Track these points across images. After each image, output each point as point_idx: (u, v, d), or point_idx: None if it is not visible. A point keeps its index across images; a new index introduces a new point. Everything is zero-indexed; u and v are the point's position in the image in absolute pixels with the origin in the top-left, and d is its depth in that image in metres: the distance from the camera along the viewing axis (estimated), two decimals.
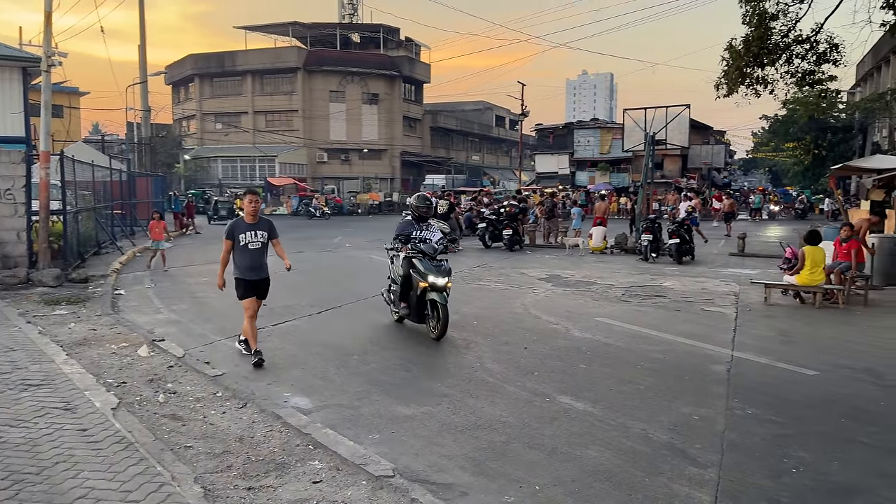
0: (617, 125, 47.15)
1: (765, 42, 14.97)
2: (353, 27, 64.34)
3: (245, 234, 6.68)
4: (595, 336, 8.12)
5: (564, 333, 8.30)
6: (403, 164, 61.94)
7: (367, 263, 15.88)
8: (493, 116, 78.31)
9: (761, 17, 14.91)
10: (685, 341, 7.86)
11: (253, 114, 58.68)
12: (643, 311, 9.86)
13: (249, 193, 6.82)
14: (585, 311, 9.74)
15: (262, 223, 6.84)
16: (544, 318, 9.19)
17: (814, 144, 48.31)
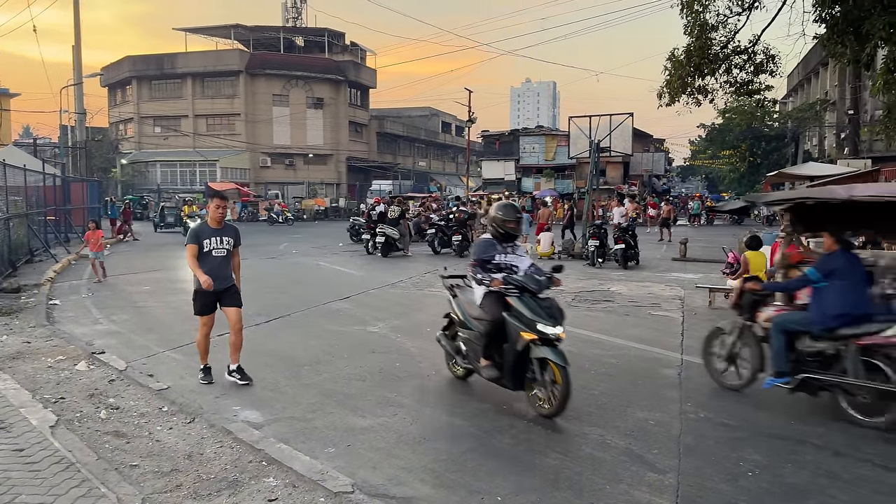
0: (561, 132, 47.85)
1: (705, 52, 15.39)
2: (298, 31, 63.61)
3: (210, 239, 6.28)
4: None
5: None
6: (350, 170, 61.50)
7: (314, 271, 15.63)
8: (440, 123, 78.56)
9: (702, 28, 15.32)
10: (636, 346, 7.96)
11: (193, 117, 57.38)
12: (593, 315, 9.96)
13: (217, 197, 6.43)
14: None
15: (228, 229, 6.47)
16: None
17: (749, 152, 49.98)
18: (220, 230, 6.37)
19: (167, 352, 7.59)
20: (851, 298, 5.60)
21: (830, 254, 5.96)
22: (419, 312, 10.06)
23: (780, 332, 5.84)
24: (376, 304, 11.04)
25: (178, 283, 13.42)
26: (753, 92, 17.65)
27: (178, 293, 11.99)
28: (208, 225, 6.39)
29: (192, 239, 6.27)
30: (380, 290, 12.55)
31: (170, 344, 7.93)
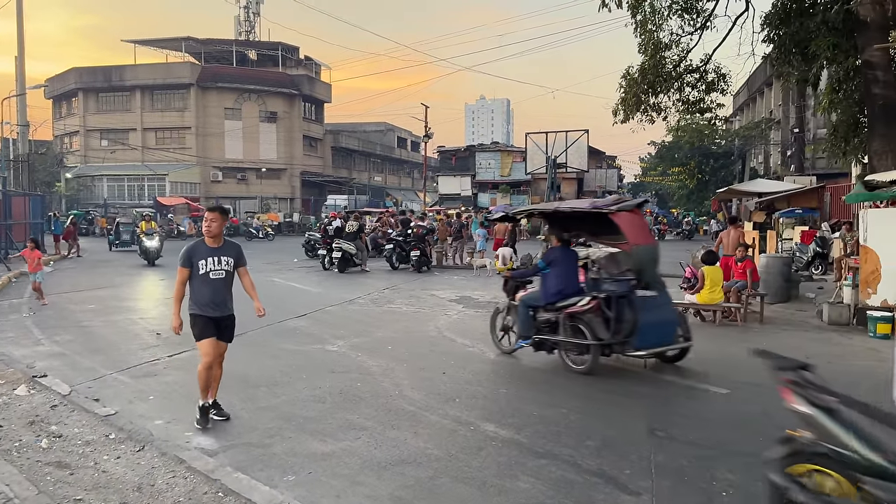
0: (517, 149, 48.24)
1: (659, 70, 15.64)
2: (251, 44, 62.94)
3: (206, 260, 5.46)
4: (513, 358, 8.00)
5: (481, 356, 8.14)
6: (304, 185, 60.81)
7: (269, 287, 15.23)
8: (395, 138, 78.48)
9: (656, 47, 15.56)
10: (603, 362, 7.87)
11: (142, 130, 56.09)
12: None
13: (211, 210, 5.56)
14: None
15: (228, 247, 5.63)
16: (459, 341, 9.01)
17: (697, 169, 51.14)
18: (218, 249, 5.54)
19: (114, 374, 7.20)
20: (564, 281, 7.71)
21: (552, 248, 8.22)
22: (379, 330, 9.84)
23: (525, 307, 7.95)
24: (334, 321, 10.78)
25: (125, 300, 12.93)
26: (705, 110, 18.01)
27: (125, 311, 11.52)
28: (204, 243, 5.53)
29: (183, 260, 5.44)
30: (337, 307, 12.28)
31: (117, 365, 7.55)
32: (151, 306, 12.35)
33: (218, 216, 5.52)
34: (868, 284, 10.09)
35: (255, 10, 66.33)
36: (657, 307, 7.65)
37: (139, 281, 16.68)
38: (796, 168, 30.90)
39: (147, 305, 12.43)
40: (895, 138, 13.26)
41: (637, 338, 7.24)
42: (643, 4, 15.90)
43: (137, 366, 7.58)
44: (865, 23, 13.34)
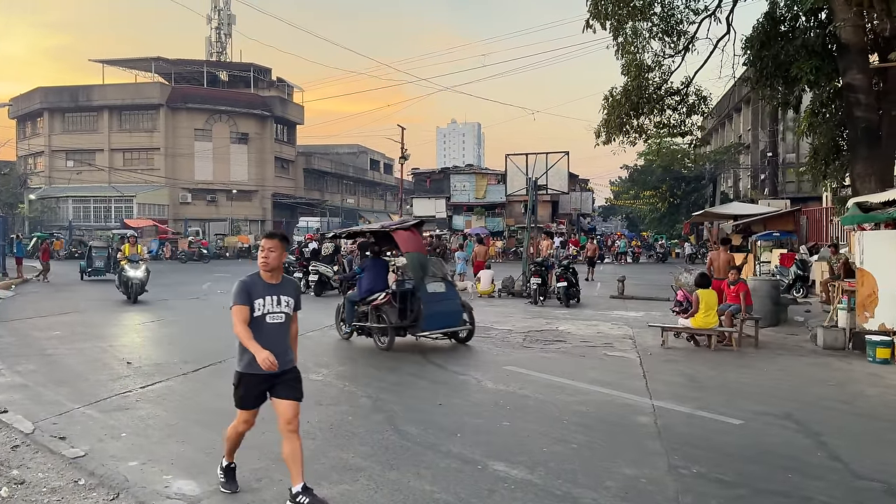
0: (491, 171, 48.23)
1: (643, 92, 15.54)
2: (222, 65, 62.36)
3: (264, 299, 4.32)
4: (509, 387, 7.58)
5: (477, 385, 7.72)
6: (275, 206, 60.07)
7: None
8: (368, 160, 78.20)
9: (639, 68, 15.48)
10: (600, 390, 7.50)
11: (109, 151, 55.04)
12: (549, 357, 9.50)
13: (270, 238, 4.43)
14: (492, 360, 9.24)
15: (287, 285, 4.49)
16: (451, 369, 8.58)
17: (669, 193, 51.56)
18: (277, 286, 4.39)
19: (82, 408, 6.62)
20: (373, 282, 10.50)
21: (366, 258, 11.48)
22: (363, 357, 9.36)
23: (349, 302, 10.79)
24: (315, 348, 10.27)
25: (93, 326, 12.25)
26: (685, 133, 17.99)
27: (93, 339, 10.87)
28: (260, 278, 4.37)
29: (241, 297, 4.28)
30: (317, 332, 11.77)
31: (85, 398, 6.96)
32: (121, 333, 11.70)
33: (277, 245, 4.37)
34: (865, 308, 9.90)
35: (226, 31, 65.89)
36: (444, 300, 10.35)
37: (108, 306, 15.94)
38: (770, 191, 31.17)
39: (116, 332, 11.77)
40: (878, 161, 13.27)
41: (424, 322, 9.98)
42: (625, 27, 15.88)
43: (107, 399, 7.00)
44: (846, 46, 13.38)
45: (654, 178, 49.94)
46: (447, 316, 10.19)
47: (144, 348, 10.16)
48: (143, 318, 13.27)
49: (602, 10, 15.17)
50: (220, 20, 65.66)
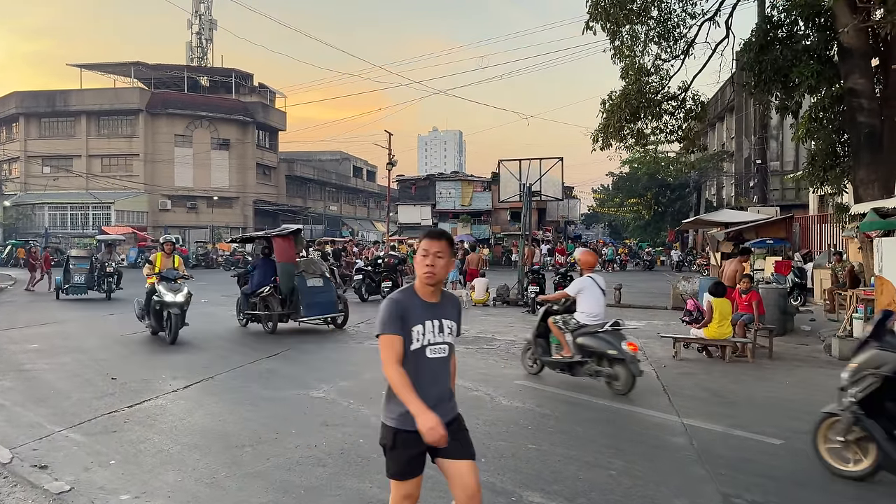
0: (477, 178, 47.85)
1: (643, 96, 15.20)
2: (203, 70, 61.57)
3: (424, 325, 3.10)
4: (526, 404, 7.10)
5: (491, 402, 7.22)
6: (257, 213, 59.22)
7: (232, 322, 14.03)
8: (351, 167, 77.58)
9: (640, 71, 15.16)
10: (622, 406, 7.05)
11: (87, 157, 53.99)
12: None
13: (432, 238, 3.12)
14: (501, 374, 8.75)
15: (449, 304, 3.24)
16: (462, 384, 8.05)
17: (654, 201, 51.52)
18: (439, 306, 3.17)
19: (65, 431, 6.03)
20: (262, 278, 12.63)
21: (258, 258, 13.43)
22: (366, 371, 8.83)
23: (243, 295, 13.01)
24: (313, 361, 9.73)
25: (73, 338, 11.58)
26: (683, 138, 17.69)
27: (74, 351, 10.23)
28: (417, 294, 3.14)
29: (393, 323, 3.05)
30: (312, 343, 11.20)
31: (67, 420, 6.37)
32: (103, 345, 11.04)
33: (446, 248, 3.10)
34: None
35: (207, 36, 65.10)
36: (322, 292, 12.62)
37: (88, 317, 15.25)
38: (759, 199, 31.07)
39: (98, 344, 11.11)
40: (881, 166, 13.00)
41: (304, 311, 12.13)
42: (622, 30, 15.58)
43: (92, 420, 6.42)
44: (849, 50, 13.15)
45: (640, 186, 49.82)
46: (324, 305, 12.57)
47: (129, 362, 9.54)
48: (124, 330, 12.61)
49: (602, 10, 14.85)
50: (201, 25, 64.88)
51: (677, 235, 52.06)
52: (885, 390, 4.86)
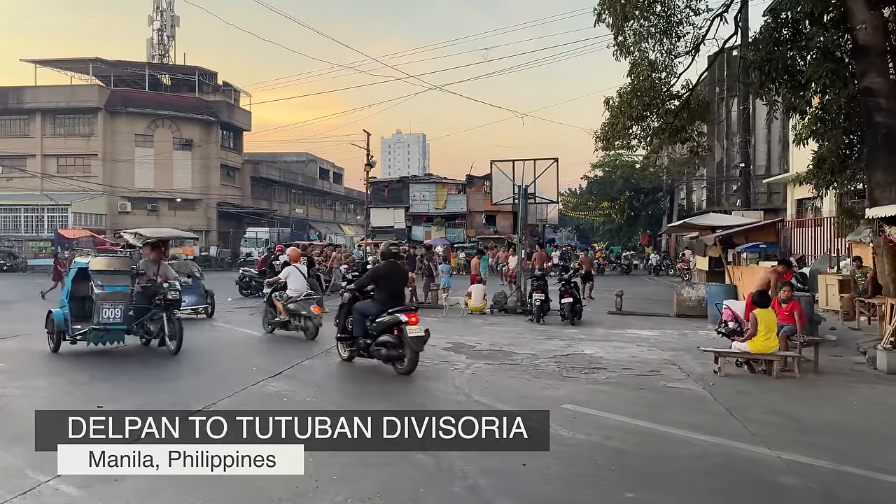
0: (451, 181, 47.01)
1: (654, 93, 14.52)
2: (165, 68, 59.46)
3: None
4: (591, 436, 6.19)
5: (552, 435, 6.29)
6: (221, 216, 57.41)
7: (218, 335, 12.86)
8: (318, 169, 75.95)
9: (650, 67, 14.47)
10: (701, 438, 6.18)
11: (42, 157, 51.60)
12: (603, 390, 8.16)
13: None
14: (540, 395, 7.83)
15: None
16: (498, 407, 7.13)
17: (628, 204, 51.36)
18: None
19: (53, 482, 4.91)
20: None
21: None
22: (390, 394, 7.83)
23: None
24: (322, 382, 8.69)
25: (45, 357, 10.28)
26: (686, 139, 17.07)
27: (48, 374, 8.99)
28: None
29: None
30: (316, 360, 10.13)
31: (55, 464, 5.23)
32: (82, 364, 9.76)
33: None
34: None
35: (169, 32, 62.93)
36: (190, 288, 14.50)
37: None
38: (743, 203, 30.84)
39: (76, 363, 9.84)
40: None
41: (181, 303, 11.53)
42: (627, 25, 14.90)
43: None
44: (866, 48, 12.61)
45: (615, 190, 49.59)
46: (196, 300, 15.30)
47: (117, 386, 8.37)
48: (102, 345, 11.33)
49: (609, 2, 14.15)
50: (162, 21, 62.67)
51: (650, 239, 51.99)
52: None
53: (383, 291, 9.13)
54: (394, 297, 9.13)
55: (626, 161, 53.83)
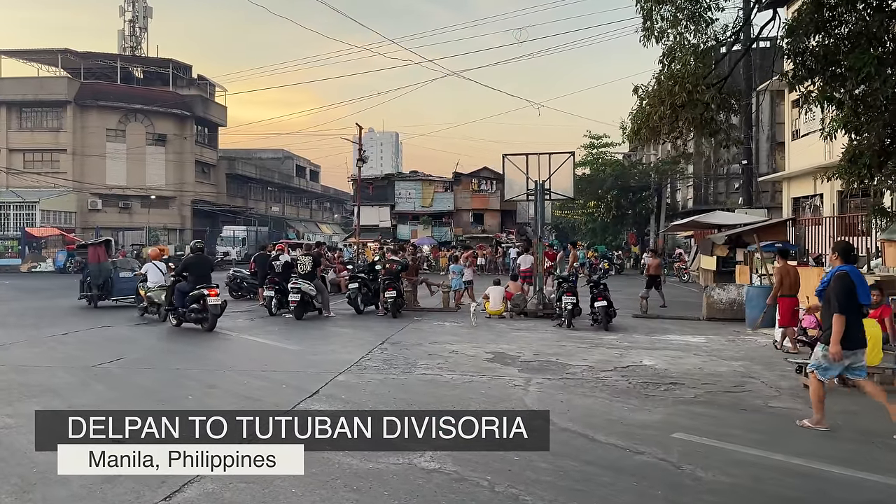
0: (438, 178, 45.79)
1: (697, 80, 13.49)
2: (138, 60, 57.33)
3: None
4: (736, 478, 5.05)
5: (676, 472, 5.15)
6: (196, 214, 55.55)
7: (225, 343, 11.53)
8: (294, 166, 74.21)
9: (695, 53, 13.46)
10: (863, 476, 5.11)
11: (7, 152, 49.28)
12: (700, 413, 7.06)
13: None
14: (634, 420, 6.70)
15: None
16: (598, 438, 5.98)
17: (615, 203, 50.57)
18: None
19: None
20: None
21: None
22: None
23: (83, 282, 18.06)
24: (370, 403, 7.41)
25: (31, 372, 8.88)
26: (716, 131, 16.13)
27: (41, 393, 7.62)
28: None
29: None
30: (350, 375, 8.83)
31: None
32: (76, 381, 8.42)
33: None
34: None
35: (141, 24, 60.77)
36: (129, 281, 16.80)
37: (36, 337, 12.41)
38: (745, 201, 30.17)
39: (70, 380, 8.49)
40: None
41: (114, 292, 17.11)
42: (662, 7, 13.88)
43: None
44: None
45: (604, 188, 48.77)
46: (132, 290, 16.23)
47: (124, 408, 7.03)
48: (96, 357, 9.98)
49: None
50: (134, 12, 60.51)
51: (638, 239, 51.29)
52: None
53: (193, 275, 12.68)
54: (200, 279, 12.58)
55: (611, 159, 53.17)
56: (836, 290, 6.27)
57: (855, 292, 6.28)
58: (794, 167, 29.18)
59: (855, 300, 6.30)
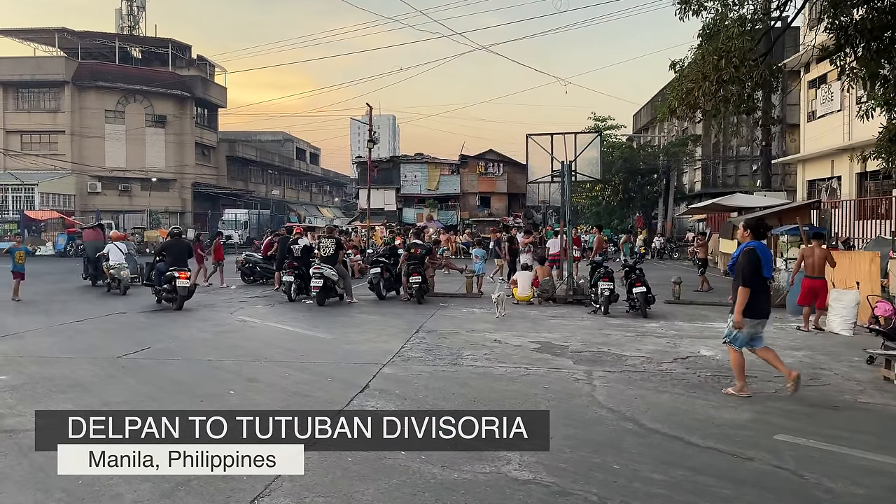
0: (444, 161, 45.07)
1: (744, 54, 12.84)
2: (136, 40, 56.28)
3: None
4: (870, 489, 4.51)
5: (800, 482, 4.57)
6: (196, 197, 54.80)
7: (249, 332, 10.96)
8: (294, 148, 73.37)
9: (742, 23, 12.80)
10: None
11: (4, 133, 48.35)
12: (789, 410, 6.49)
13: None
14: (722, 419, 6.13)
15: None
16: (694, 441, 5.40)
17: (623, 186, 49.93)
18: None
19: None
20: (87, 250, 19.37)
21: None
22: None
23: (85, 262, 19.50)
24: (431, 400, 6.81)
25: (55, 364, 8.27)
26: (751, 109, 15.49)
27: (69, 388, 7.02)
28: None
29: None
30: (396, 367, 8.22)
31: None
32: (107, 375, 7.81)
33: None
34: None
35: (139, 3, 59.54)
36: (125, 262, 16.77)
37: (53, 324, 11.80)
38: (763, 183, 29.57)
39: (96, 372, 7.88)
40: None
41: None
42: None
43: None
44: None
45: (613, 171, 48.10)
46: (129, 268, 16.72)
47: (157, 407, 6.45)
48: (119, 347, 9.39)
49: None
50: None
51: (646, 222, 50.72)
52: None
53: (169, 258, 13.80)
54: (175, 262, 13.70)
55: (618, 142, 52.45)
56: (742, 264, 6.70)
57: (760, 266, 6.71)
58: (810, 149, 28.56)
59: (760, 274, 6.75)
